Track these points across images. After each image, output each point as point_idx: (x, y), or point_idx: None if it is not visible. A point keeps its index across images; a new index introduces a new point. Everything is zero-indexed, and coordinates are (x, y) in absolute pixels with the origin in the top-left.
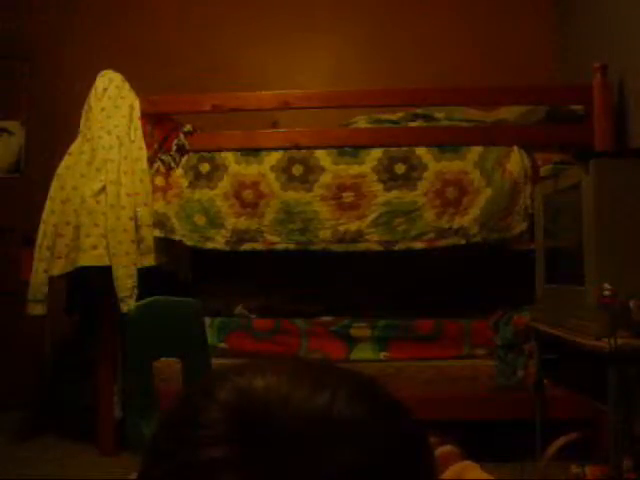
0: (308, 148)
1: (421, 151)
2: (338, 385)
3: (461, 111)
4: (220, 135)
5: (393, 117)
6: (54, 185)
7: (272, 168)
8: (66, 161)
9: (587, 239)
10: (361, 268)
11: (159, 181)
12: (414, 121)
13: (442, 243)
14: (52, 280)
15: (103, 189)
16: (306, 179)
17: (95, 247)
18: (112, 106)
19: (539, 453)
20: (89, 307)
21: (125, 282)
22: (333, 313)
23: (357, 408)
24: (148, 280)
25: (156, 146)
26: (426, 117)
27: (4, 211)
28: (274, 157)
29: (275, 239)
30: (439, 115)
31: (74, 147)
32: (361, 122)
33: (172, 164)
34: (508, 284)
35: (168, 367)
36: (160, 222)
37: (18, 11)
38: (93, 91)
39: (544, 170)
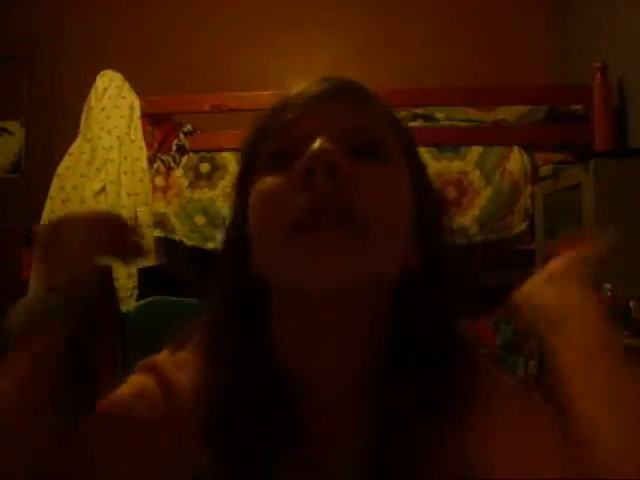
0: None
1: (421, 151)
2: None
3: (461, 111)
4: (220, 135)
5: None
6: (54, 185)
7: None
8: (66, 161)
9: None
10: None
11: (159, 181)
12: (414, 121)
13: None
14: None
15: (103, 189)
16: None
17: None
18: (112, 106)
19: None
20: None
21: (125, 282)
22: None
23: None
24: (148, 280)
25: (156, 146)
26: (426, 117)
27: (4, 211)
28: None
29: None
30: (439, 115)
31: (74, 147)
32: None
33: (172, 164)
34: (508, 284)
35: None
36: (160, 222)
37: (18, 11)
38: (93, 91)
39: (544, 170)
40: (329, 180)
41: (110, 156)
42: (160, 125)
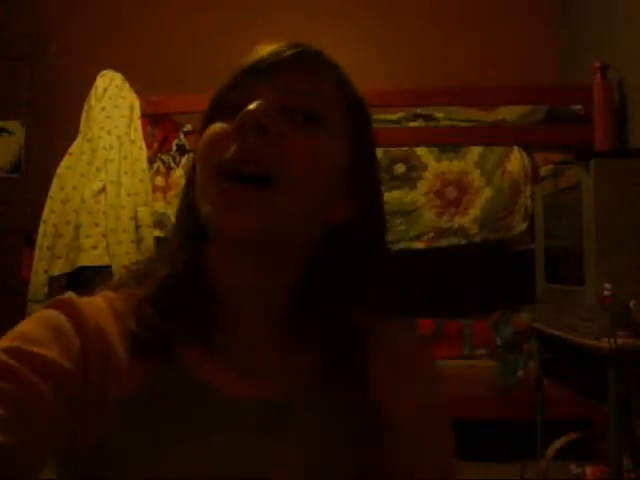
0: None
1: (421, 151)
2: None
3: (461, 111)
4: None
5: (393, 117)
6: (54, 185)
7: None
8: (66, 161)
9: (587, 239)
10: None
11: (159, 181)
12: (414, 121)
13: (442, 243)
14: (52, 280)
15: (103, 189)
16: None
17: (95, 247)
18: (112, 106)
19: (539, 453)
20: None
21: None
22: None
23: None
24: None
25: (156, 146)
26: (426, 117)
27: (4, 211)
28: None
29: None
30: (439, 115)
31: (74, 147)
32: None
33: (172, 164)
34: (508, 284)
35: None
36: (160, 222)
37: (18, 11)
38: (93, 91)
39: (544, 170)
40: (255, 136)
41: (110, 156)
42: (160, 125)
